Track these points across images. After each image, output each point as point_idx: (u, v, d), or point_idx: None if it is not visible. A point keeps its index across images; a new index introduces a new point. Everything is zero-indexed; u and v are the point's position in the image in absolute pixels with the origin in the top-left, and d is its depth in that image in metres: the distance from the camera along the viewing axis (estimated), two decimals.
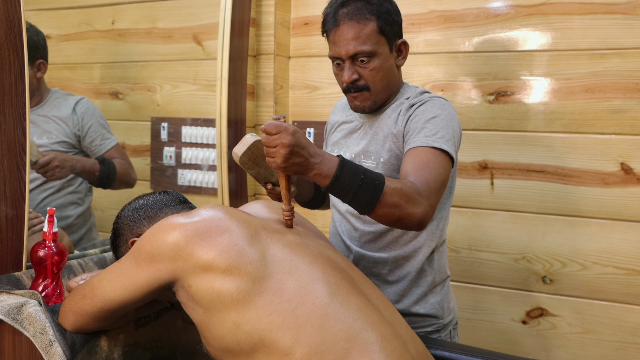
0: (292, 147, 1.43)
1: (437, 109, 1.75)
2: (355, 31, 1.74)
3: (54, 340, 1.43)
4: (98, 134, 2.38)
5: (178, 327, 1.76)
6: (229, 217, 1.39)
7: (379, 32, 1.76)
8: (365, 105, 1.82)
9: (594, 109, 2.24)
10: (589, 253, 2.28)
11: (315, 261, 1.39)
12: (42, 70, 2.24)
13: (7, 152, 1.63)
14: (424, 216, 1.52)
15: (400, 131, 1.78)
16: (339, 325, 1.29)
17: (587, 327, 2.29)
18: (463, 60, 2.43)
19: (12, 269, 1.67)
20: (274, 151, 1.44)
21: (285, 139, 1.42)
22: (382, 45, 1.77)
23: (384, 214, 1.50)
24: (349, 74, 1.77)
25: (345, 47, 1.75)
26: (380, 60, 1.77)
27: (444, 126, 1.71)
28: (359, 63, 1.76)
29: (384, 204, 1.48)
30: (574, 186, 2.28)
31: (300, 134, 1.45)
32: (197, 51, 2.71)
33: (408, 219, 1.51)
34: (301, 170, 1.47)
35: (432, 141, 1.67)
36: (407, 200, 1.50)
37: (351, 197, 1.48)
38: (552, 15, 2.28)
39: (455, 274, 2.48)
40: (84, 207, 2.40)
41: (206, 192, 2.69)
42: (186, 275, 1.33)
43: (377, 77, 1.78)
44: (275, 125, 1.43)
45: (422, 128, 1.70)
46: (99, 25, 2.74)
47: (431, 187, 1.57)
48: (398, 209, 1.49)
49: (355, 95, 1.81)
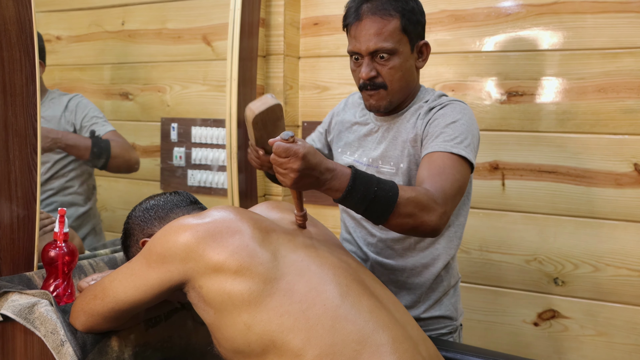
0: (302, 171, 1.39)
1: (457, 113, 1.72)
2: (377, 27, 1.70)
3: (65, 340, 1.43)
4: (92, 122, 2.34)
5: (188, 327, 1.75)
6: (240, 218, 1.39)
7: (402, 30, 1.72)
8: (381, 105, 1.78)
9: (606, 109, 2.22)
10: (601, 254, 2.26)
11: (326, 262, 1.39)
12: (42, 70, 2.23)
13: (18, 153, 1.63)
14: (438, 224, 1.50)
15: (419, 135, 1.74)
16: (350, 326, 1.29)
17: (599, 330, 2.28)
18: (474, 60, 2.42)
19: (23, 269, 1.67)
20: (284, 173, 1.41)
21: (294, 164, 1.38)
22: (404, 44, 1.73)
23: (398, 224, 1.48)
24: (367, 70, 1.73)
25: (366, 43, 1.71)
26: (401, 60, 1.73)
27: (463, 131, 1.68)
28: (379, 60, 1.72)
29: (398, 214, 1.46)
30: (586, 187, 2.27)
31: (310, 155, 1.39)
32: (207, 52, 2.71)
33: (422, 227, 1.49)
34: (313, 187, 1.44)
35: (451, 146, 1.64)
36: (421, 209, 1.47)
37: (364, 209, 1.45)
38: (564, 14, 2.26)
39: (467, 275, 2.47)
40: (85, 209, 2.37)
41: (216, 193, 2.69)
42: (197, 276, 1.33)
43: (396, 77, 1.74)
44: (285, 149, 1.38)
45: (441, 132, 1.67)
46: (109, 26, 2.74)
47: (447, 194, 1.54)
48: (412, 218, 1.47)
49: (371, 94, 1.77)
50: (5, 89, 1.59)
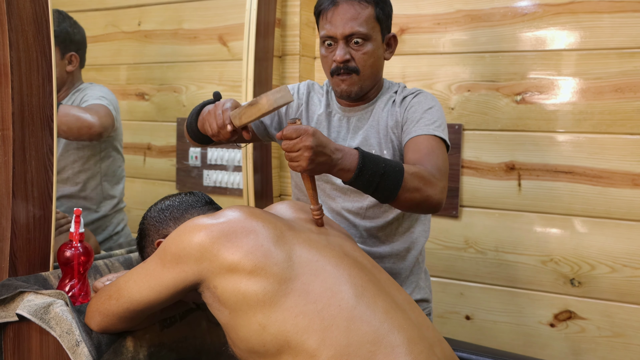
0: (316, 147, 1.43)
1: (430, 100, 1.81)
2: (353, 12, 1.75)
3: (80, 340, 1.44)
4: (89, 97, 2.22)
5: (203, 328, 1.76)
6: (255, 218, 1.39)
7: (376, 18, 1.78)
8: (352, 90, 1.81)
9: (623, 109, 2.20)
10: (618, 255, 2.24)
11: (342, 262, 1.39)
12: (73, 64, 2.21)
13: (34, 153, 1.64)
14: (441, 198, 1.60)
15: (398, 122, 1.81)
16: (365, 327, 1.28)
17: (616, 331, 2.26)
18: (490, 60, 2.41)
19: (39, 269, 1.68)
20: (297, 155, 1.43)
21: (307, 141, 1.42)
22: (377, 32, 1.79)
23: (407, 199, 1.55)
24: (341, 53, 1.76)
25: (342, 27, 1.75)
26: (374, 46, 1.78)
27: (439, 117, 1.77)
28: (353, 45, 1.76)
29: (407, 189, 1.53)
30: (603, 187, 2.25)
31: (319, 133, 1.45)
32: (223, 52, 2.71)
33: (428, 202, 1.57)
34: (325, 169, 1.48)
35: (433, 129, 1.73)
36: (425, 183, 1.56)
37: (375, 187, 1.52)
38: (581, 13, 2.25)
39: (482, 275, 2.45)
40: (99, 215, 2.34)
41: (231, 193, 2.70)
42: (212, 276, 1.33)
43: (369, 62, 1.78)
44: (295, 129, 1.43)
45: (421, 118, 1.75)
46: (126, 26, 2.76)
47: (442, 171, 1.64)
48: (419, 192, 1.55)
49: (343, 78, 1.79)
50: (22, 90, 1.61)
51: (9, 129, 1.60)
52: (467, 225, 2.47)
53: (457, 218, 2.48)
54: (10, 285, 1.55)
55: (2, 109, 1.61)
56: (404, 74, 2.55)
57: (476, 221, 2.45)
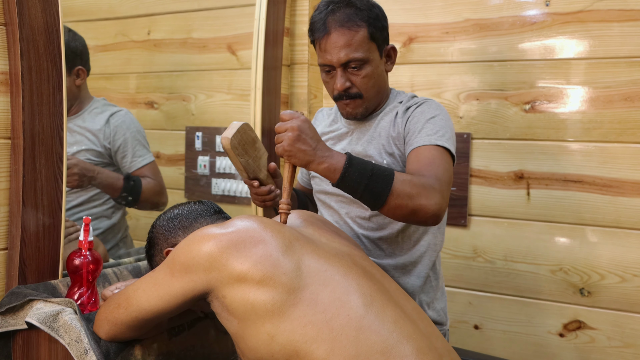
0: (300, 132, 1.50)
1: (434, 109, 1.77)
2: (346, 38, 1.73)
3: (89, 348, 1.44)
4: (130, 150, 2.32)
5: (211, 337, 1.76)
6: (264, 228, 1.39)
7: (370, 38, 1.76)
8: (358, 112, 1.82)
9: (633, 118, 2.20)
10: (628, 265, 2.23)
11: (350, 272, 1.38)
12: (81, 77, 2.21)
13: (44, 162, 1.65)
14: (439, 209, 1.53)
15: (400, 133, 1.78)
16: (374, 337, 1.28)
17: (627, 341, 2.24)
18: (499, 68, 2.41)
19: (48, 276, 1.69)
20: (282, 135, 1.52)
21: (294, 123, 1.51)
22: (373, 52, 1.77)
23: (397, 206, 1.51)
24: (341, 81, 1.76)
25: (337, 55, 1.74)
26: (372, 67, 1.77)
27: (443, 125, 1.73)
28: (351, 70, 1.76)
29: (396, 194, 1.50)
30: (612, 196, 2.24)
31: (311, 126, 1.53)
32: (232, 61, 2.72)
33: (422, 212, 1.52)
34: (307, 160, 1.52)
35: (435, 139, 1.69)
36: (419, 191, 1.52)
37: (363, 189, 1.51)
38: (590, 22, 2.24)
39: (491, 285, 2.45)
40: (112, 222, 2.35)
41: (240, 202, 2.70)
42: (220, 286, 1.33)
43: (370, 84, 1.78)
44: (290, 113, 1.53)
45: (423, 128, 1.72)
46: (135, 35, 2.77)
47: (442, 181, 1.59)
48: (411, 200, 1.51)
49: (347, 102, 1.80)
50: (33, 99, 1.62)
51: (20, 137, 1.60)
52: (476, 235, 2.47)
53: (466, 227, 2.48)
54: (19, 293, 1.56)
55: (13, 117, 1.62)
56: (413, 83, 2.55)
57: (485, 230, 2.44)
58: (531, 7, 2.34)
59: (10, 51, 1.61)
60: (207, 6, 2.76)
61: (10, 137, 1.63)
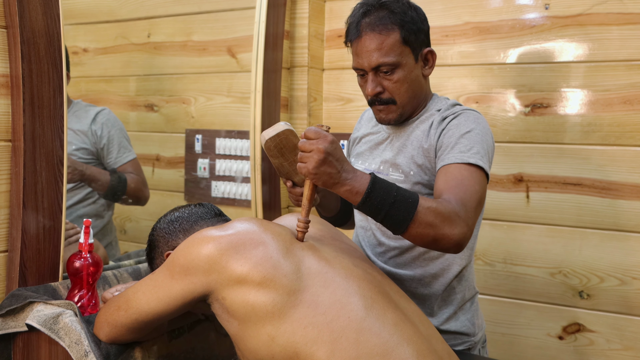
0: (327, 154, 1.40)
1: (471, 122, 1.69)
2: (377, 42, 1.69)
3: (89, 350, 1.44)
4: (116, 146, 2.36)
5: (211, 339, 1.76)
6: (264, 230, 1.39)
7: (403, 42, 1.71)
8: (391, 118, 1.77)
9: (632, 121, 2.20)
10: (627, 268, 2.23)
11: (351, 274, 1.38)
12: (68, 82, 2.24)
13: (45, 164, 1.65)
14: (462, 238, 1.46)
15: (432, 145, 1.72)
16: (375, 339, 1.28)
17: (626, 344, 2.24)
18: (498, 72, 2.41)
19: (49, 279, 1.69)
20: (307, 156, 1.42)
21: (321, 144, 1.40)
22: (407, 56, 1.72)
23: (419, 234, 1.44)
24: (372, 86, 1.72)
25: (367, 59, 1.71)
26: (405, 72, 1.72)
27: (478, 141, 1.65)
28: (383, 75, 1.72)
29: (418, 223, 1.43)
30: (612, 199, 2.24)
31: (338, 146, 1.43)
32: (232, 64, 2.72)
33: (445, 240, 1.45)
34: (330, 183, 1.43)
35: (467, 157, 1.61)
36: (442, 220, 1.44)
37: (384, 215, 1.43)
38: (589, 26, 2.25)
39: (490, 287, 2.45)
40: (104, 221, 2.37)
41: (240, 204, 2.70)
42: (220, 288, 1.33)
43: (402, 89, 1.73)
44: (315, 131, 1.42)
45: (456, 143, 1.65)
46: (135, 38, 2.77)
47: (468, 207, 1.51)
48: (433, 229, 1.44)
49: (380, 108, 1.77)
50: (33, 101, 1.62)
51: (20, 140, 1.61)
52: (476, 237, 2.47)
53: None
54: (19, 296, 1.56)
55: (14, 120, 1.62)
56: None
57: (485, 233, 2.45)
58: (531, 11, 2.35)
59: (11, 54, 1.61)
60: (207, 9, 2.76)
61: (11, 139, 1.63)
